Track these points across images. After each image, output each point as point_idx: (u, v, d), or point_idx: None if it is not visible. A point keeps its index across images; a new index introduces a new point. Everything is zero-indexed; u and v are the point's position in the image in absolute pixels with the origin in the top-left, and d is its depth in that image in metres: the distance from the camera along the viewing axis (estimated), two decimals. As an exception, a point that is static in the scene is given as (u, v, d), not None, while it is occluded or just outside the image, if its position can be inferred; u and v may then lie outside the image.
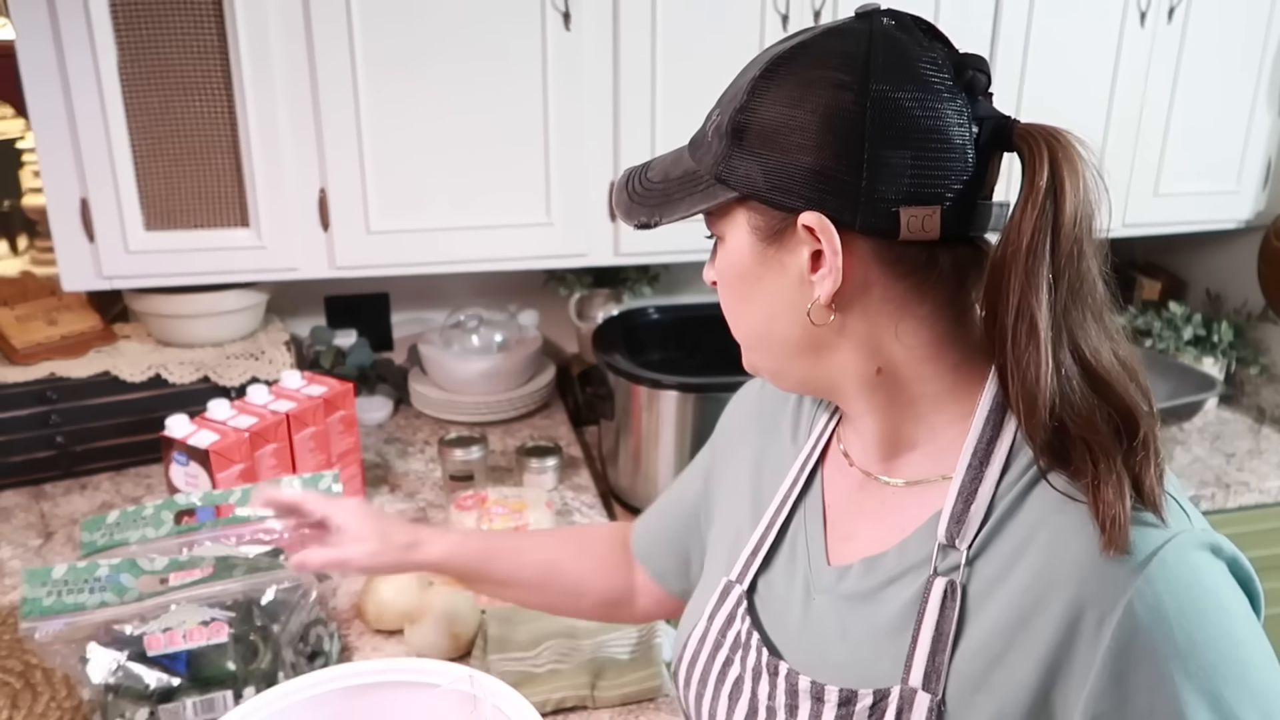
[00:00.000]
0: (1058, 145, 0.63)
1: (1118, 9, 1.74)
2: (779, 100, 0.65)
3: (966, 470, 0.66)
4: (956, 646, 0.64)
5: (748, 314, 0.73)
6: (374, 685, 0.85)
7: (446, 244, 1.64)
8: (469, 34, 1.54)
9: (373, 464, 1.73)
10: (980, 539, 0.65)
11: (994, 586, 0.64)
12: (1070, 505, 0.61)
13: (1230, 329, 2.00)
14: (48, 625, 1.03)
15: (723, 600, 0.80)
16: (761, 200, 0.67)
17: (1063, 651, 0.60)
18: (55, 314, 1.69)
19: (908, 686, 0.66)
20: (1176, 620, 0.58)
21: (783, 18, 1.61)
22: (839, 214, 0.65)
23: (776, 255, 0.69)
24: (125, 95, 1.48)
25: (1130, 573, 0.58)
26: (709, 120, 0.71)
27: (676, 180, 0.72)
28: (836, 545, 0.76)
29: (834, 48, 0.65)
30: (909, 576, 0.68)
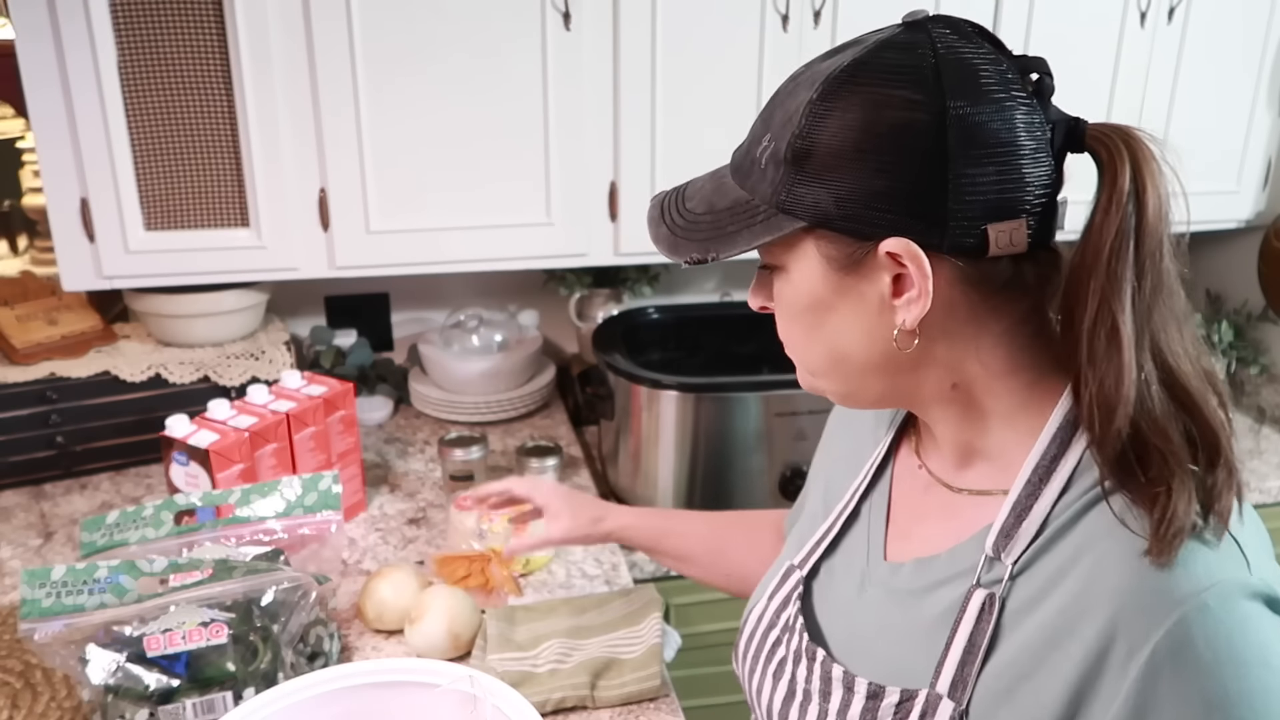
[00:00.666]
0: (1136, 145, 0.63)
1: (1118, 9, 1.74)
2: (845, 123, 0.62)
3: (1025, 485, 0.66)
4: (987, 659, 0.64)
5: (818, 343, 0.70)
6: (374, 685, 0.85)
7: (446, 244, 1.64)
8: (469, 34, 1.54)
9: (373, 464, 1.73)
10: (1027, 556, 0.64)
11: (1033, 605, 0.63)
12: (1120, 531, 0.60)
13: (1230, 329, 2.00)
14: (47, 626, 1.03)
15: (783, 583, 0.83)
16: (835, 229, 0.64)
17: (1090, 679, 0.59)
18: (55, 314, 1.69)
19: (934, 691, 0.66)
20: (1210, 669, 0.55)
21: (782, 18, 1.60)
22: (925, 237, 0.63)
23: (854, 284, 0.66)
24: (125, 95, 1.48)
25: (1166, 610, 0.56)
26: (757, 146, 0.67)
27: (726, 211, 0.68)
28: (895, 542, 0.77)
29: (897, 64, 0.63)
30: (955, 582, 0.69)
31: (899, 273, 0.64)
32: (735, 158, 0.70)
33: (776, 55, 1.62)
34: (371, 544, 1.48)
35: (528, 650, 1.19)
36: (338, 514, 1.29)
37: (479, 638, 1.23)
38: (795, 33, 1.61)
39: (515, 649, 1.19)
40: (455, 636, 1.20)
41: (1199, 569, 0.57)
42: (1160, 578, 0.57)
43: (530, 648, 1.19)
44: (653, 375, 1.60)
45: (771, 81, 1.63)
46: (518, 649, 1.19)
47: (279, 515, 1.27)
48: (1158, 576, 0.57)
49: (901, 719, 0.67)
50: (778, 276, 0.70)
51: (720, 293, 2.13)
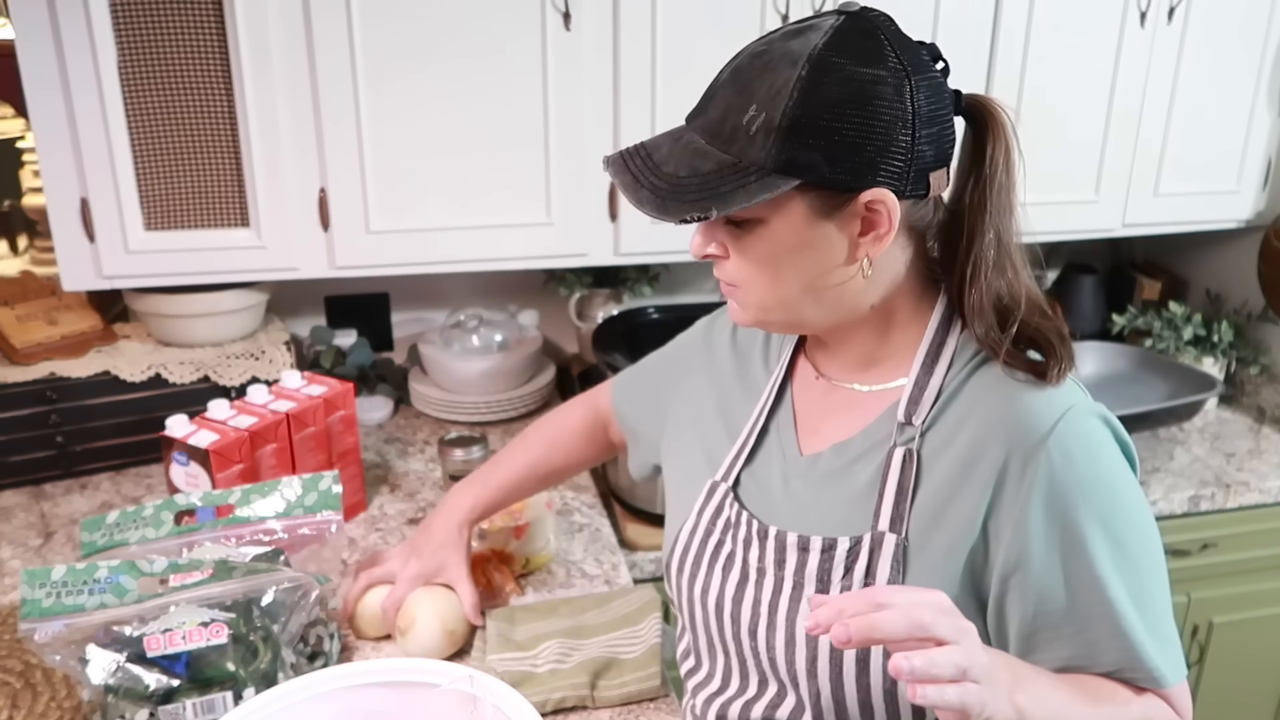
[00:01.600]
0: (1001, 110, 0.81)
1: (1118, 9, 1.74)
2: (833, 96, 0.74)
3: (920, 367, 0.86)
4: (915, 497, 0.83)
5: (783, 283, 0.83)
6: (374, 685, 0.86)
7: (446, 244, 1.64)
8: (469, 34, 1.54)
9: (373, 464, 1.73)
10: (930, 415, 0.84)
11: (942, 449, 0.82)
12: (998, 386, 0.81)
13: (1230, 329, 2.00)
14: (47, 626, 1.03)
15: (710, 497, 0.96)
16: (826, 185, 0.77)
17: (996, 491, 0.79)
18: (55, 314, 1.69)
19: (877, 531, 0.83)
20: (1080, 465, 0.78)
21: (782, 18, 1.60)
22: (895, 185, 0.78)
23: (830, 228, 0.79)
24: (125, 95, 1.48)
25: (1046, 429, 0.78)
26: (741, 115, 0.77)
27: (714, 174, 0.77)
28: (807, 439, 0.92)
29: (865, 45, 0.76)
30: (871, 453, 0.86)
31: (866, 216, 0.79)
32: (705, 125, 0.80)
33: (776, 55, 1.62)
34: (372, 544, 1.48)
35: (528, 650, 1.19)
36: (338, 514, 1.29)
37: (478, 638, 1.23)
38: (795, 33, 1.61)
39: (515, 649, 1.19)
40: (450, 634, 1.19)
41: (1058, 398, 0.80)
42: (1034, 409, 0.79)
43: (530, 648, 1.19)
44: (653, 375, 1.60)
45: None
46: (518, 649, 1.19)
47: (279, 515, 1.27)
48: (1032, 408, 0.79)
49: (853, 560, 0.83)
50: (750, 229, 0.81)
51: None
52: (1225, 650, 1.90)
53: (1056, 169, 1.83)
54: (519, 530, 1.38)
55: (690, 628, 0.97)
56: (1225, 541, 1.81)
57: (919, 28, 1.66)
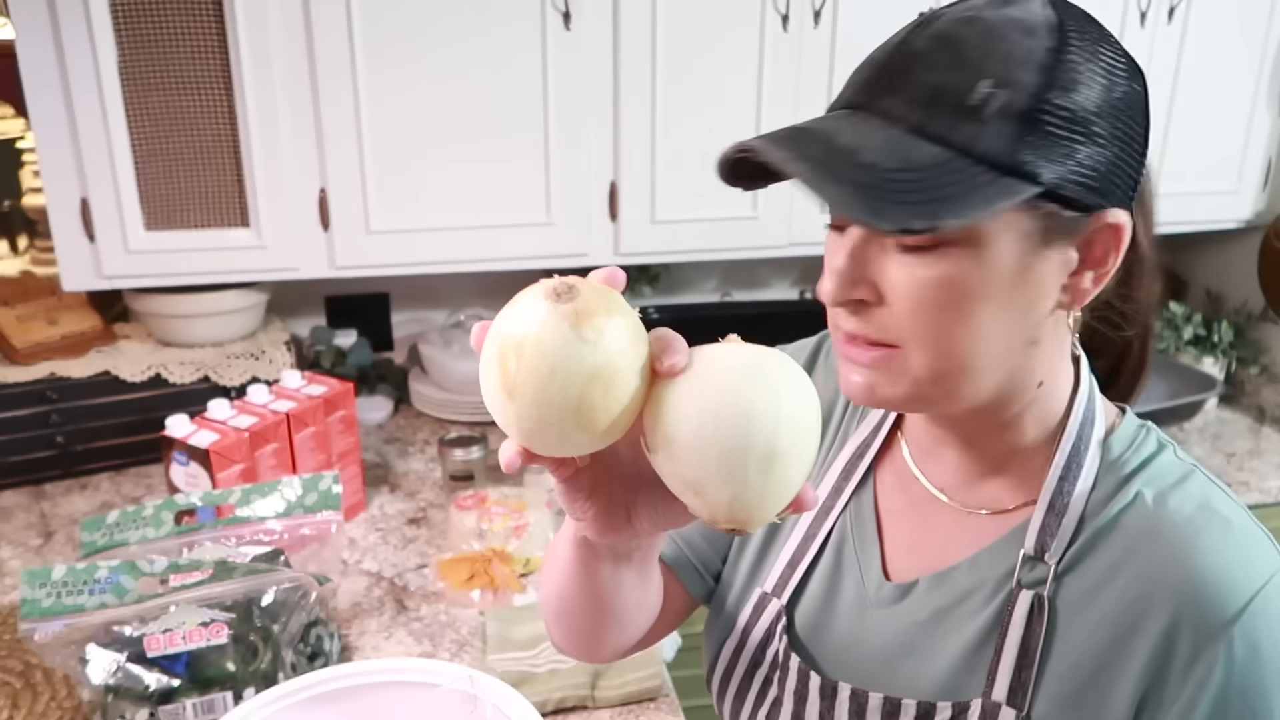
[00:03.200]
0: None
1: (1118, 9, 1.74)
2: (1081, 81, 0.56)
3: (1057, 484, 0.64)
4: (1045, 663, 0.63)
5: (984, 333, 0.59)
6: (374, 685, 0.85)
7: (446, 244, 1.64)
8: (469, 34, 1.54)
9: (373, 464, 1.73)
10: (1070, 554, 0.63)
11: (1085, 604, 0.62)
12: (1166, 529, 0.61)
13: (1230, 329, 2.00)
14: (47, 626, 1.03)
15: (758, 614, 0.76)
16: (1066, 197, 0.57)
17: (1158, 677, 0.60)
18: (55, 314, 1.69)
19: (990, 700, 0.64)
20: (1272, 664, 0.58)
21: (783, 18, 1.60)
22: (1130, 208, 0.60)
23: (1052, 256, 0.59)
24: (125, 95, 1.48)
25: (1233, 611, 0.58)
26: (968, 94, 0.55)
27: (935, 168, 0.55)
28: (897, 559, 0.72)
29: (1103, 30, 0.59)
30: (985, 591, 0.66)
31: (1090, 243, 0.60)
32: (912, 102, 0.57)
33: (776, 55, 1.62)
34: (372, 544, 1.48)
35: (528, 650, 1.19)
36: (338, 514, 1.29)
37: (478, 639, 1.23)
38: (795, 33, 1.61)
39: (515, 649, 1.19)
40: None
41: (1247, 567, 0.59)
42: (1216, 578, 0.59)
43: (530, 648, 1.19)
44: (653, 375, 1.60)
45: (772, 81, 1.63)
46: (518, 649, 1.19)
47: (279, 515, 1.27)
48: (1213, 577, 0.59)
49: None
50: (939, 255, 0.58)
51: (720, 293, 2.13)
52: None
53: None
54: (519, 530, 1.38)
55: None
56: (1225, 541, 1.81)
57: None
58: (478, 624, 1.27)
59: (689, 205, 1.68)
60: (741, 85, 1.63)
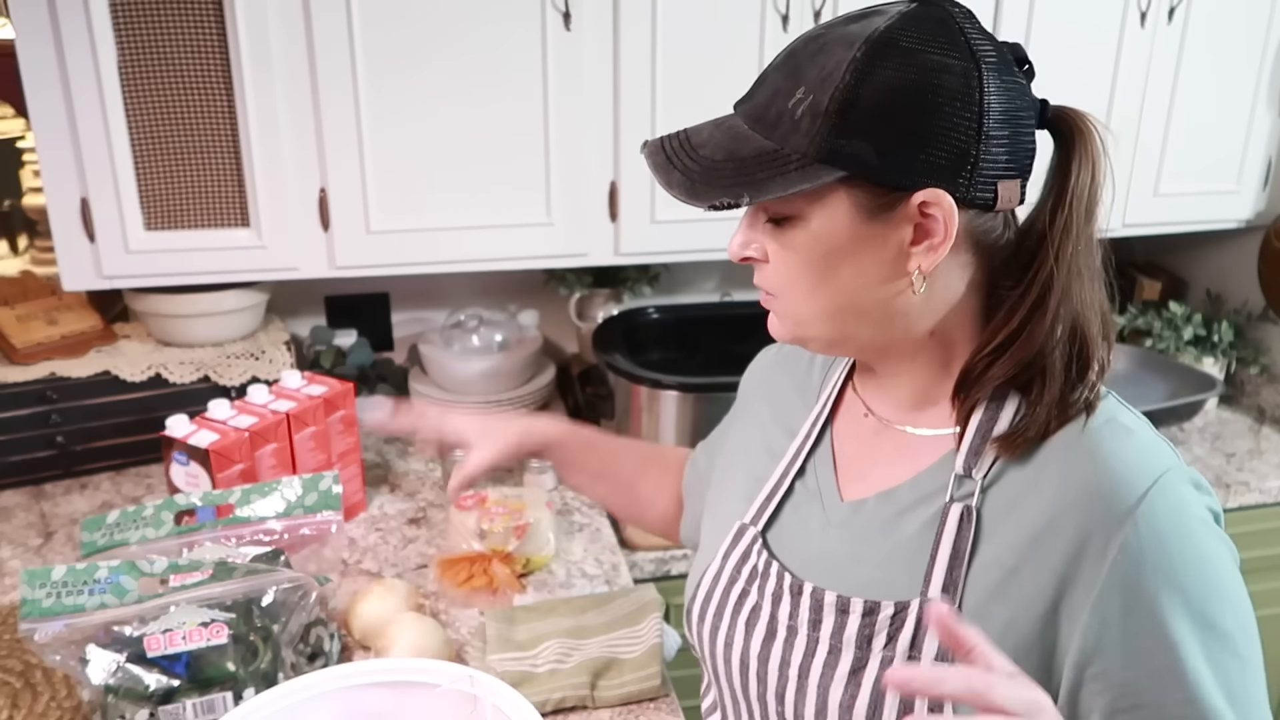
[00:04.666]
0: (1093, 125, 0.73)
1: (1118, 9, 1.74)
2: (890, 82, 0.67)
3: (984, 411, 0.75)
4: (972, 562, 0.72)
5: (825, 291, 0.74)
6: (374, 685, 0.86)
7: (446, 244, 1.64)
8: (469, 34, 1.54)
9: (373, 464, 1.73)
10: (994, 470, 0.74)
11: (1008, 510, 0.72)
12: (1081, 444, 0.71)
13: (1230, 329, 2.00)
14: (47, 626, 1.03)
15: (737, 541, 0.87)
16: (873, 180, 0.69)
17: (1072, 567, 0.68)
18: (55, 314, 1.69)
19: (926, 598, 0.73)
20: (1171, 541, 0.67)
21: (783, 18, 1.61)
22: (954, 189, 0.69)
23: (878, 231, 0.71)
24: (125, 95, 1.48)
25: (1134, 499, 0.67)
26: (787, 99, 0.70)
27: (752, 159, 0.70)
28: (850, 484, 0.83)
29: (934, 31, 0.69)
30: (922, 505, 0.76)
31: (920, 222, 0.70)
32: (750, 110, 0.73)
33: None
34: (372, 544, 1.48)
35: (528, 650, 1.19)
36: (338, 514, 1.29)
37: (478, 639, 1.23)
38: (795, 33, 1.61)
39: (515, 649, 1.19)
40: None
41: (1146, 465, 0.69)
42: (1121, 477, 0.69)
43: (530, 648, 1.19)
44: (653, 375, 1.60)
45: (771, 81, 1.63)
46: (518, 649, 1.19)
47: (279, 515, 1.27)
48: (1117, 473, 0.69)
49: (897, 627, 0.74)
50: (790, 226, 0.73)
51: (720, 293, 2.13)
52: (1225, 650, 1.90)
53: (1056, 169, 1.83)
54: (519, 530, 1.38)
55: (714, 681, 0.89)
56: (1225, 541, 1.81)
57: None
58: (478, 624, 1.27)
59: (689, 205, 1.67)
60: (741, 84, 1.62)
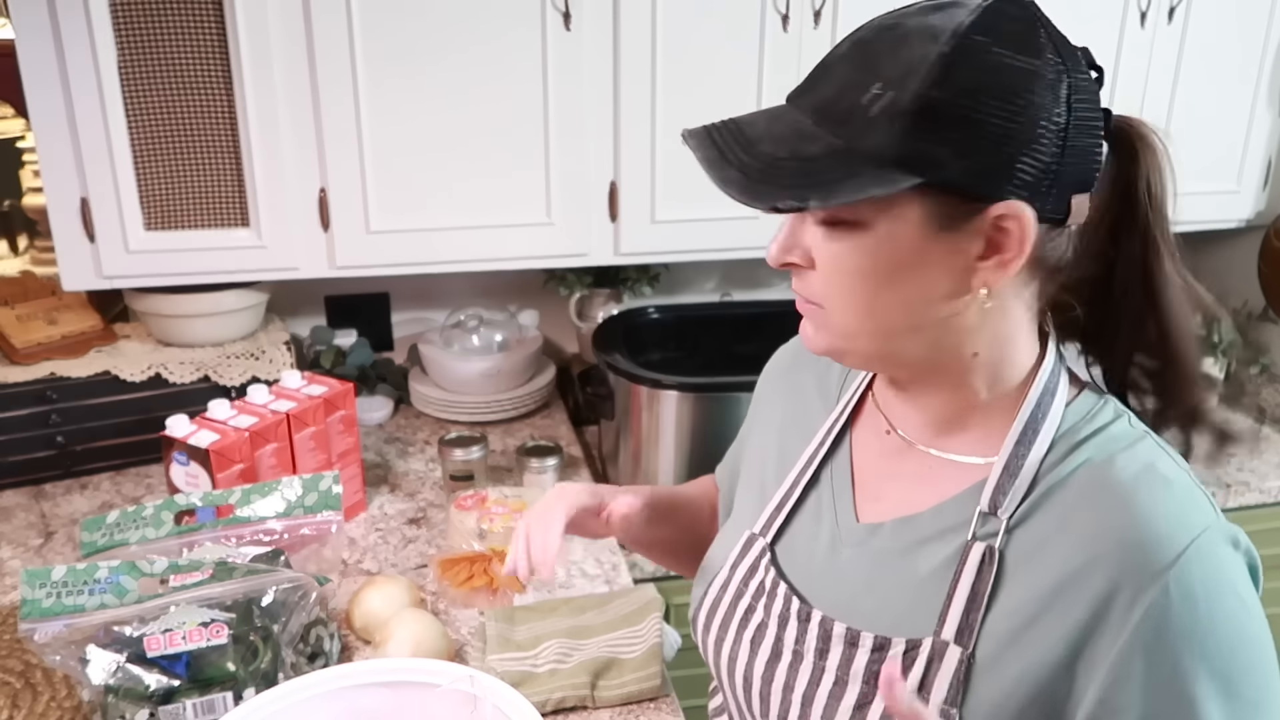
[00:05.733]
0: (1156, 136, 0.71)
1: (1118, 9, 1.74)
2: (980, 82, 0.62)
3: (1014, 447, 0.71)
4: (990, 607, 0.69)
5: (883, 303, 0.69)
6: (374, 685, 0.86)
7: (446, 244, 1.64)
8: (469, 34, 1.54)
9: (373, 464, 1.73)
10: (1021, 511, 0.70)
11: (1032, 555, 0.68)
12: (1112, 488, 0.67)
13: (1230, 329, 2.00)
14: (47, 626, 1.03)
15: (745, 552, 0.84)
16: (953, 188, 0.64)
17: (1095, 622, 0.65)
18: (55, 314, 1.69)
19: (940, 639, 0.70)
20: (1202, 607, 0.63)
21: (783, 17, 1.60)
22: (1035, 202, 0.65)
23: (948, 243, 0.66)
24: (125, 95, 1.48)
25: (1169, 558, 0.63)
26: (861, 94, 0.64)
27: (819, 159, 0.64)
28: (867, 504, 0.79)
29: (1021, 31, 0.64)
30: (943, 539, 0.73)
31: (992, 235, 0.66)
32: (815, 102, 0.67)
33: (776, 55, 1.62)
34: (372, 544, 1.48)
35: (528, 650, 1.19)
36: (338, 514, 1.29)
37: (478, 639, 1.23)
38: (795, 33, 1.61)
39: (515, 649, 1.19)
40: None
41: (1184, 521, 0.65)
42: (1157, 534, 0.64)
43: (530, 648, 1.19)
44: (653, 375, 1.60)
45: (772, 81, 1.63)
46: (518, 649, 1.19)
47: (279, 515, 1.27)
48: (1154, 528, 0.65)
49: (907, 667, 0.70)
50: (850, 232, 0.67)
51: (720, 293, 2.13)
52: (1225, 650, 1.90)
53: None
54: (519, 530, 1.38)
55: (721, 689, 0.87)
56: (1225, 541, 1.81)
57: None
58: (478, 624, 1.27)
59: (689, 205, 1.68)
60: (741, 85, 1.63)
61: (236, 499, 1.27)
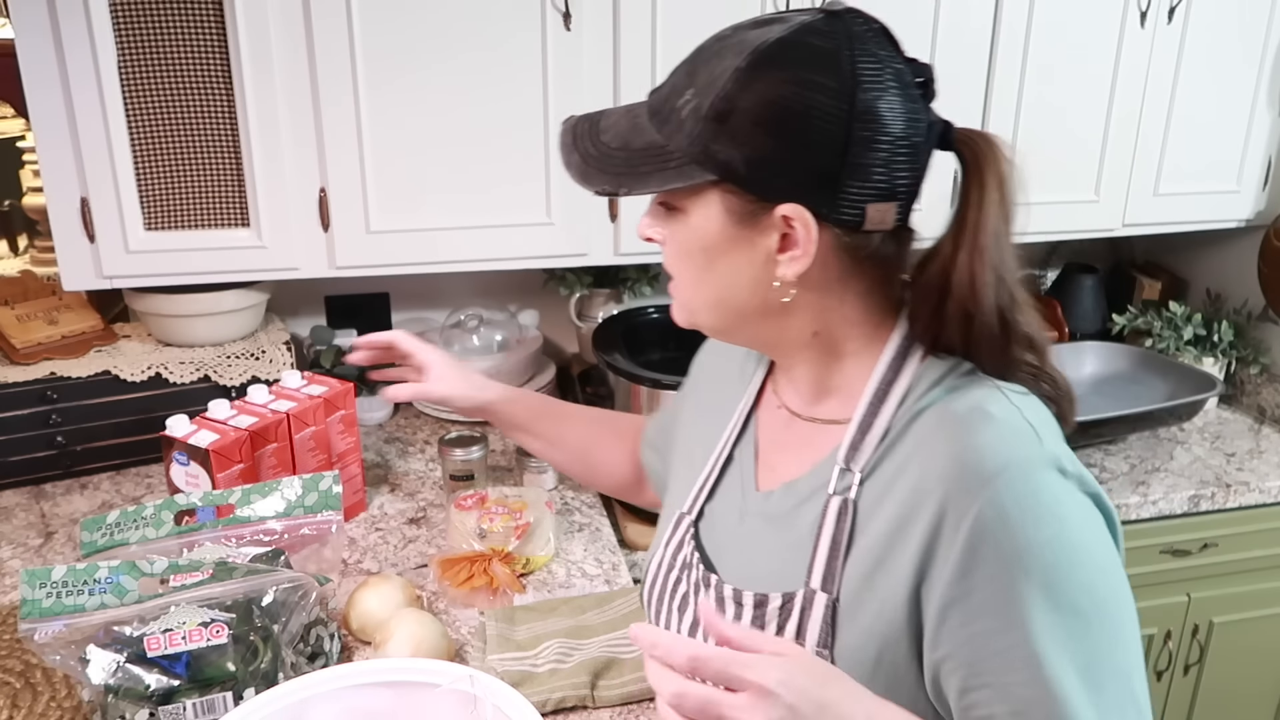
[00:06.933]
0: (1000, 148, 0.74)
1: (1118, 9, 1.74)
2: (766, 95, 0.70)
3: (867, 406, 0.78)
4: (849, 554, 0.76)
5: (706, 283, 0.79)
6: (374, 685, 0.86)
7: (446, 244, 1.64)
8: (469, 34, 1.54)
9: (373, 464, 1.73)
10: (871, 462, 0.77)
11: (880, 502, 0.75)
12: (941, 428, 0.73)
13: (1230, 329, 2.00)
14: (47, 626, 1.03)
15: (675, 530, 0.92)
16: (740, 187, 0.72)
17: (929, 551, 0.71)
18: (55, 313, 1.69)
19: (809, 589, 0.77)
20: (1018, 526, 0.68)
21: (783, 18, 1.60)
22: (816, 207, 0.72)
23: (747, 236, 0.75)
24: (125, 95, 1.48)
25: (983, 483, 0.68)
26: (679, 97, 0.73)
27: (640, 151, 0.74)
28: (764, 474, 0.87)
29: (819, 49, 0.70)
30: (816, 497, 0.80)
31: (786, 233, 0.73)
32: (654, 102, 0.76)
33: (776, 55, 1.62)
34: (372, 544, 1.48)
35: (528, 650, 1.19)
36: (338, 514, 1.29)
37: (478, 639, 1.23)
38: (795, 33, 1.61)
39: (515, 649, 1.19)
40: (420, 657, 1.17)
41: (1002, 449, 0.70)
42: (974, 460, 0.69)
43: (530, 648, 1.19)
44: (653, 375, 1.60)
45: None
46: (518, 649, 1.19)
47: (279, 515, 1.27)
48: (973, 460, 0.70)
49: (784, 619, 0.78)
50: (675, 217, 0.77)
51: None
52: (1225, 650, 1.90)
53: (1057, 169, 1.83)
54: (519, 530, 1.38)
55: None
56: (1225, 541, 1.81)
57: (919, 29, 1.66)
58: (478, 624, 1.27)
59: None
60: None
61: (236, 499, 1.26)
